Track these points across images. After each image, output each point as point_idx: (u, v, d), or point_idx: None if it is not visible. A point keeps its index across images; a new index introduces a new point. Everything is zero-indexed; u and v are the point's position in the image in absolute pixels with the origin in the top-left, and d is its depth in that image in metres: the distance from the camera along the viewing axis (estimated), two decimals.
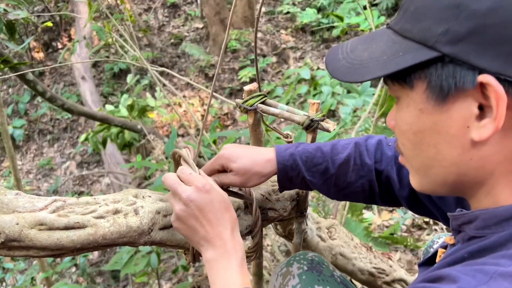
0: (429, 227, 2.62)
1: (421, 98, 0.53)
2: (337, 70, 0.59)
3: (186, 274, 2.97)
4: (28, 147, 6.61)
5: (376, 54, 0.56)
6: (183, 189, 0.75)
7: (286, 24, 6.62)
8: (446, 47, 0.49)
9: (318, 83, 3.76)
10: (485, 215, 0.53)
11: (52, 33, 7.39)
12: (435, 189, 0.59)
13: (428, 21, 0.51)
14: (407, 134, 0.58)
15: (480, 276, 0.46)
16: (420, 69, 0.52)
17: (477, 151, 0.51)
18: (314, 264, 1.01)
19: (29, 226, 0.67)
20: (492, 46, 0.46)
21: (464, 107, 0.50)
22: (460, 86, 0.49)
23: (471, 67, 0.48)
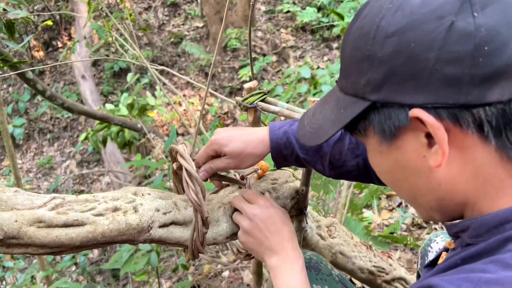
0: (429, 226, 2.62)
1: (375, 142, 0.57)
2: (304, 136, 0.65)
3: (186, 273, 2.97)
4: (28, 146, 6.61)
5: (327, 114, 0.61)
6: (248, 207, 0.89)
7: (286, 23, 6.62)
8: (372, 95, 0.53)
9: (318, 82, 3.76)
10: (474, 224, 0.55)
11: (52, 32, 7.39)
12: (432, 216, 0.62)
13: (354, 76, 0.55)
14: (381, 175, 0.63)
15: (465, 284, 0.47)
16: (363, 119, 0.56)
17: (442, 175, 0.54)
18: (312, 263, 1.01)
19: (28, 223, 0.66)
20: (409, 82, 0.50)
21: (413, 140, 0.53)
22: (397, 125, 0.52)
23: (400, 105, 0.51)
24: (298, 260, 0.84)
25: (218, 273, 2.82)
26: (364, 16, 0.54)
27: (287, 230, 0.87)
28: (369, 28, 0.52)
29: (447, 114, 0.49)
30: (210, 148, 0.89)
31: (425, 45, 0.48)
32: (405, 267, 2.24)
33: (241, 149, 0.87)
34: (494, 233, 0.53)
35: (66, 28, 7.41)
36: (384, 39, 0.51)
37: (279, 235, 0.86)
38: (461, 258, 0.55)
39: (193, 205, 0.84)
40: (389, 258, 1.49)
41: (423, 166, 0.54)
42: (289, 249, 0.85)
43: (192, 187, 0.84)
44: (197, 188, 0.84)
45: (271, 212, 0.88)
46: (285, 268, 0.83)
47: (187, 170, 0.84)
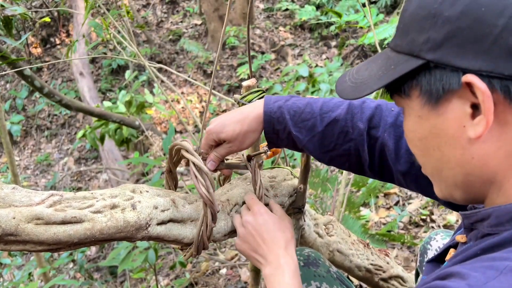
0: (426, 224, 2.62)
1: (418, 105, 0.57)
2: (343, 91, 0.65)
3: (183, 270, 2.97)
4: (25, 143, 6.60)
5: (374, 71, 0.61)
6: (244, 213, 0.91)
7: (285, 21, 6.61)
8: (429, 54, 0.52)
9: (317, 80, 3.76)
10: (498, 212, 0.54)
11: (50, 28, 7.36)
12: (451, 193, 0.61)
13: (413, 34, 0.55)
14: (413, 142, 0.61)
15: (490, 272, 0.46)
16: (411, 79, 0.55)
17: (477, 149, 0.53)
18: (310, 260, 1.01)
19: (26, 220, 0.66)
20: (470, 46, 0.49)
21: (457, 107, 0.53)
22: (447, 88, 0.52)
23: (454, 69, 0.51)
24: (290, 266, 0.84)
25: (216, 270, 2.83)
26: None
27: (281, 237, 0.87)
28: None
29: (500, 85, 0.49)
30: (209, 138, 0.90)
31: (497, 10, 0.47)
32: (402, 265, 2.25)
33: (237, 130, 0.87)
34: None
35: (64, 25, 7.39)
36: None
37: (272, 243, 0.86)
38: (481, 248, 0.54)
39: (204, 200, 0.84)
40: (386, 256, 1.49)
41: (461, 136, 0.53)
42: (281, 257, 0.85)
43: (202, 181, 0.84)
44: (207, 183, 0.84)
45: (265, 219, 0.88)
46: (277, 277, 0.83)
47: (196, 165, 0.84)
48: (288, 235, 0.88)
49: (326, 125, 0.86)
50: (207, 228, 0.88)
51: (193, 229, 0.89)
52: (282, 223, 0.90)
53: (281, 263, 0.84)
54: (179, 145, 0.88)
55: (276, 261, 0.84)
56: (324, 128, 0.86)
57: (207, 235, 0.88)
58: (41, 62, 6.87)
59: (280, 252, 0.85)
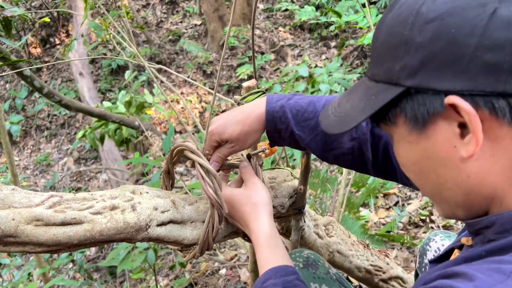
0: (426, 224, 2.62)
1: (405, 131, 0.56)
2: (329, 125, 0.64)
3: (183, 271, 2.97)
4: (25, 143, 6.59)
5: (356, 102, 0.60)
6: None
7: (285, 22, 6.61)
8: (407, 81, 0.52)
9: (316, 81, 3.75)
10: (502, 219, 0.54)
11: (50, 28, 7.36)
12: (455, 213, 0.60)
13: (388, 62, 0.55)
14: (407, 167, 0.61)
15: (496, 275, 0.46)
16: (394, 106, 0.55)
17: (472, 167, 0.53)
18: (309, 261, 1.01)
19: (26, 221, 0.66)
20: (447, 68, 0.49)
21: (445, 129, 0.53)
22: (432, 112, 0.52)
23: (436, 92, 0.51)
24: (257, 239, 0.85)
25: (215, 271, 2.82)
26: (401, 5, 0.55)
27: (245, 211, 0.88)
28: (407, 15, 0.53)
29: (484, 102, 0.49)
30: (211, 139, 0.90)
31: (466, 31, 0.48)
32: (402, 265, 2.24)
33: (238, 130, 0.86)
34: None
35: (64, 25, 7.38)
36: (423, 24, 0.51)
37: (243, 221, 0.88)
38: (486, 250, 0.53)
39: (212, 201, 0.84)
40: (386, 257, 1.49)
41: (453, 156, 0.53)
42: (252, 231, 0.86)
43: (210, 183, 0.84)
44: (215, 185, 0.84)
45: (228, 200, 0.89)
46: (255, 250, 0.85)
47: (203, 166, 0.84)
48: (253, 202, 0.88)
49: None
50: (213, 229, 0.87)
51: (193, 230, 0.89)
52: (244, 196, 0.89)
53: (253, 239, 0.85)
54: (184, 146, 0.88)
55: (251, 238, 0.86)
56: None
57: (213, 236, 0.88)
58: (41, 62, 6.87)
59: (250, 227, 0.86)
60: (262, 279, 0.78)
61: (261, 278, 0.78)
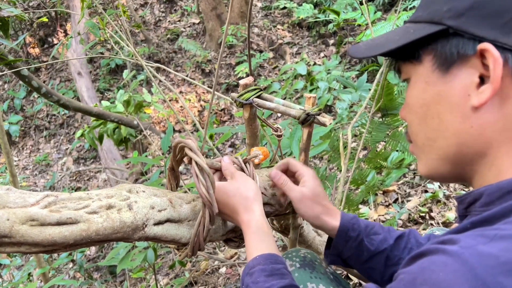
0: (425, 221, 2.62)
1: (428, 70, 0.60)
2: (356, 51, 0.67)
3: (183, 270, 2.97)
4: (24, 143, 6.59)
5: (391, 36, 0.64)
6: None
7: (283, 20, 6.60)
8: (449, 21, 0.56)
9: (315, 79, 3.75)
10: (489, 190, 0.56)
11: (48, 28, 7.35)
12: (438, 168, 0.63)
13: (436, 5, 0.59)
14: (414, 109, 0.64)
15: (480, 239, 0.48)
16: (427, 44, 0.59)
17: (477, 118, 0.56)
18: (306, 261, 1.00)
19: (20, 221, 0.66)
20: (488, 18, 0.53)
21: (466, 76, 0.56)
22: (462, 53, 0.55)
23: (472, 37, 0.54)
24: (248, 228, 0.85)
25: (215, 269, 2.82)
26: None
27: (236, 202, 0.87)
28: None
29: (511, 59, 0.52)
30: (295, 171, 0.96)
31: None
32: None
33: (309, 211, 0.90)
34: (507, 198, 0.53)
35: (62, 25, 7.37)
36: None
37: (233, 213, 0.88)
38: (471, 222, 0.55)
39: (203, 200, 0.83)
40: None
41: (464, 104, 0.56)
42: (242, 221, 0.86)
43: (203, 181, 0.83)
44: (208, 184, 0.83)
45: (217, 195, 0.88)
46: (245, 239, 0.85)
47: (198, 164, 0.83)
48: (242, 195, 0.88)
49: (396, 239, 0.90)
50: (204, 229, 0.86)
51: (191, 229, 0.89)
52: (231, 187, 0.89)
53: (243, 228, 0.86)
54: (183, 143, 0.87)
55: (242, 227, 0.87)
56: (394, 241, 0.90)
57: (204, 236, 0.87)
58: (39, 62, 6.86)
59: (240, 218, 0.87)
60: (250, 265, 0.79)
61: (249, 264, 0.79)
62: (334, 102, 3.77)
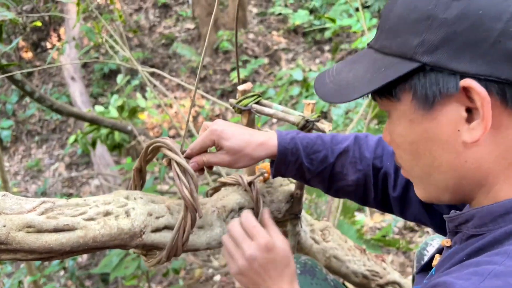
0: (421, 229, 2.62)
1: (410, 109, 0.55)
2: (326, 94, 0.61)
3: (176, 277, 2.94)
4: (16, 148, 6.52)
5: (360, 73, 0.58)
6: (248, 246, 0.76)
7: (278, 26, 6.62)
8: (424, 57, 0.51)
9: (310, 85, 3.76)
10: (481, 213, 0.54)
11: (41, 32, 7.31)
12: (439, 196, 0.60)
13: (404, 36, 0.53)
14: (402, 146, 0.60)
15: (475, 278, 0.46)
16: (403, 81, 0.54)
17: (471, 153, 0.53)
18: (307, 267, 1.00)
19: (17, 228, 0.64)
20: (467, 49, 0.49)
21: (452, 112, 0.52)
22: (444, 92, 0.51)
23: (451, 72, 0.50)
24: None
25: (210, 277, 2.80)
26: None
27: (287, 273, 0.77)
28: None
29: (497, 89, 0.49)
30: (209, 137, 0.84)
31: (494, 14, 0.48)
32: (398, 270, 2.24)
33: (240, 147, 0.83)
34: (499, 222, 0.52)
35: (55, 29, 7.34)
36: (450, 1, 0.50)
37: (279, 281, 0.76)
38: (466, 254, 0.54)
39: (186, 203, 0.78)
40: (382, 262, 1.48)
41: (455, 140, 0.53)
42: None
43: (186, 183, 0.78)
44: (191, 186, 0.78)
45: (273, 256, 0.77)
46: None
47: (180, 164, 0.78)
48: (293, 268, 0.79)
49: (337, 156, 0.86)
50: (184, 233, 0.81)
51: (190, 235, 0.87)
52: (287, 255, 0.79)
53: None
54: (161, 143, 0.82)
55: None
56: (335, 159, 0.86)
57: (183, 241, 0.82)
58: (32, 66, 6.81)
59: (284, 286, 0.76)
60: None
61: None
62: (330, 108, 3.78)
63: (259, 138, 0.85)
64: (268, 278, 0.76)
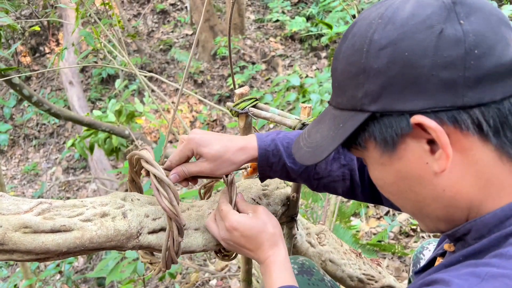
0: (416, 234, 2.63)
1: (377, 154, 0.58)
2: (302, 157, 0.65)
3: (173, 282, 2.93)
4: (13, 152, 6.50)
5: (325, 132, 0.62)
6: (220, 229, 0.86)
7: (275, 32, 6.65)
8: (371, 106, 0.54)
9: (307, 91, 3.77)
10: (476, 226, 0.56)
11: (40, 37, 7.32)
12: (436, 227, 0.62)
13: (350, 90, 0.57)
14: (385, 188, 0.63)
15: (472, 279, 0.47)
16: (362, 131, 0.57)
17: (445, 181, 0.55)
18: (304, 268, 1.00)
19: (13, 228, 0.65)
20: (406, 90, 0.51)
21: (415, 148, 0.54)
22: (399, 132, 0.54)
23: (400, 113, 0.53)
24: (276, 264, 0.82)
25: (206, 281, 2.79)
26: (354, 35, 0.56)
27: (263, 238, 0.84)
28: (361, 43, 0.54)
29: (447, 118, 0.51)
30: (187, 147, 0.84)
31: (419, 52, 0.50)
32: (393, 275, 2.24)
33: (220, 153, 0.83)
34: (495, 232, 0.54)
35: (54, 34, 7.35)
36: (378, 51, 0.53)
37: (256, 249, 0.84)
38: (463, 255, 0.55)
39: (168, 214, 0.78)
40: (378, 266, 1.49)
41: (426, 173, 0.55)
42: (267, 258, 0.83)
43: (165, 194, 0.78)
44: (170, 196, 0.78)
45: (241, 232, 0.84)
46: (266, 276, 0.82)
47: (156, 176, 0.78)
48: (269, 231, 0.84)
49: None
50: (174, 243, 0.82)
51: (185, 238, 0.88)
52: (258, 223, 0.85)
53: (268, 264, 0.83)
54: (138, 155, 0.82)
55: (264, 262, 0.83)
56: None
57: (175, 250, 0.83)
58: (30, 71, 6.82)
59: (266, 254, 0.83)
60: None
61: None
62: None
63: (239, 142, 0.85)
64: (248, 250, 0.85)
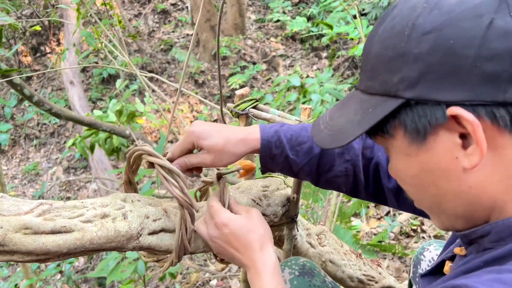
0: (417, 234, 2.63)
1: (404, 143, 0.56)
2: (323, 141, 0.62)
3: (173, 282, 2.94)
4: (14, 152, 6.51)
5: (351, 116, 0.59)
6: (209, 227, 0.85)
7: (276, 32, 6.65)
8: (407, 93, 0.52)
9: (308, 91, 3.77)
10: (497, 228, 0.53)
11: (40, 37, 7.32)
12: (452, 224, 0.60)
13: (384, 74, 0.54)
14: (405, 181, 0.60)
15: (497, 285, 0.46)
16: (393, 118, 0.55)
17: (473, 178, 0.52)
18: (305, 269, 1.00)
19: (14, 230, 0.65)
20: (446, 79, 0.49)
21: (446, 140, 0.52)
22: (433, 123, 0.51)
23: (437, 103, 0.50)
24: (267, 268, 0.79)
25: (206, 281, 2.79)
26: (394, 17, 0.54)
27: (253, 239, 0.82)
28: (402, 27, 0.52)
29: (485, 112, 0.49)
30: (188, 140, 0.84)
31: (465, 42, 0.48)
32: (394, 275, 2.24)
33: (220, 145, 0.82)
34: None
35: (55, 34, 7.36)
36: (421, 36, 0.50)
37: (245, 250, 0.81)
38: (483, 261, 0.53)
39: (180, 202, 0.79)
40: (378, 267, 1.49)
41: (455, 168, 0.53)
42: (257, 261, 0.81)
43: (175, 183, 0.79)
44: (180, 184, 0.79)
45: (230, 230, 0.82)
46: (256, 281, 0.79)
47: (164, 167, 0.79)
48: (260, 232, 0.83)
49: None
50: (187, 230, 0.83)
51: None
52: (249, 223, 0.83)
53: (258, 267, 0.80)
54: (141, 150, 0.82)
55: (253, 266, 0.80)
56: (321, 149, 0.85)
57: (188, 238, 0.84)
58: (31, 70, 6.82)
59: (255, 256, 0.81)
60: None
61: None
62: None
63: (240, 133, 0.84)
64: (235, 250, 0.82)
